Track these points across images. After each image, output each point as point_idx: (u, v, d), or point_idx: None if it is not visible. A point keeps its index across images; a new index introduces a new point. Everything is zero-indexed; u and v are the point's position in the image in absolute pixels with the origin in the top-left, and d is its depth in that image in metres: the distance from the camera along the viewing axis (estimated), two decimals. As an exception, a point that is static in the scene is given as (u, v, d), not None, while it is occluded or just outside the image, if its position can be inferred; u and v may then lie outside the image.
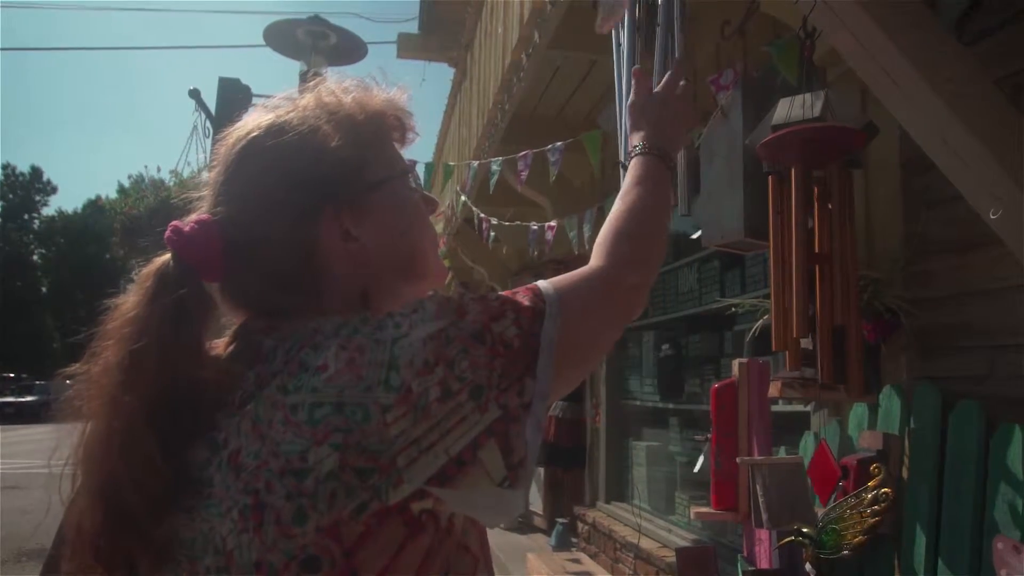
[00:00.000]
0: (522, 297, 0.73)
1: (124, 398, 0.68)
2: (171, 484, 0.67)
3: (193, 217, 0.77)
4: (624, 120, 1.52)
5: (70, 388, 0.74)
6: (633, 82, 1.13)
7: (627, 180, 0.97)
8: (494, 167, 4.22)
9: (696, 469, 2.52)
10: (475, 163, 4.81)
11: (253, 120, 0.80)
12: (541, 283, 0.76)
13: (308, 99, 0.81)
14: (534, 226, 4.48)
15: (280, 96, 0.83)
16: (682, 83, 1.13)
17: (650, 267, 0.88)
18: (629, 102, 1.11)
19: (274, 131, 0.78)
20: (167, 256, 0.75)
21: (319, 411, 0.64)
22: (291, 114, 0.79)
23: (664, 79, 1.14)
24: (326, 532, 0.62)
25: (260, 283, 0.76)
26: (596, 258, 0.85)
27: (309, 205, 0.76)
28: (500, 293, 0.73)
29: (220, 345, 0.77)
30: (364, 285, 0.79)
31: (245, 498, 0.64)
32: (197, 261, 0.74)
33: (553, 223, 4.26)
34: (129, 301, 0.74)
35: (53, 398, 0.76)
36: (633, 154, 1.01)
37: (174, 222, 0.76)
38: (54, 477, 0.71)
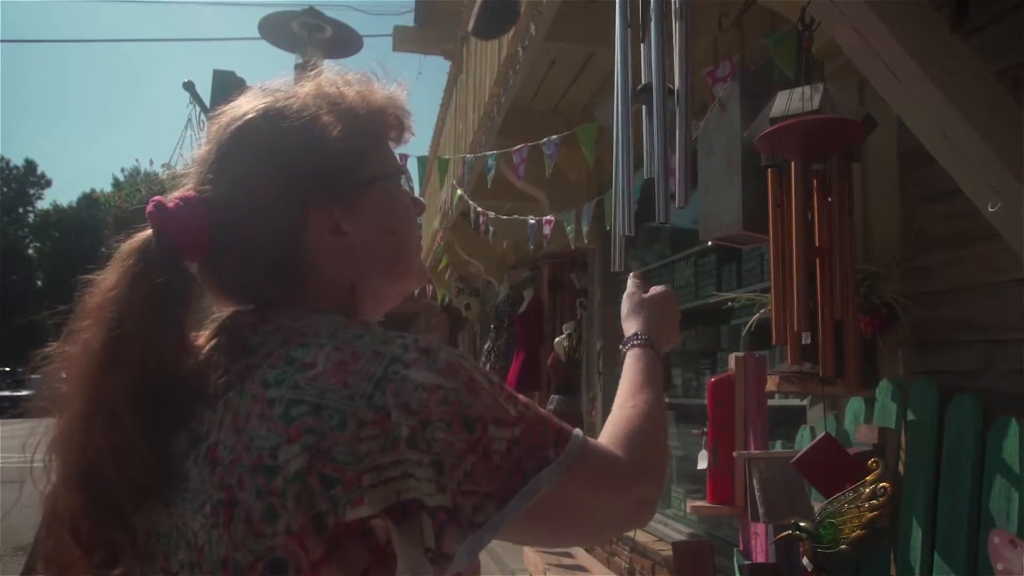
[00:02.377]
0: (545, 431, 0.68)
1: (107, 380, 0.66)
2: (153, 470, 0.65)
3: (177, 193, 0.74)
4: (623, 196, 1.50)
5: (46, 368, 0.70)
6: (631, 278, 1.10)
7: (634, 372, 0.93)
8: (490, 161, 4.21)
9: (703, 466, 2.51)
10: (471, 157, 4.79)
11: (248, 102, 0.77)
12: (577, 433, 0.71)
13: (308, 87, 0.78)
14: (532, 220, 4.47)
15: (278, 82, 0.80)
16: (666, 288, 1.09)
17: (661, 482, 0.83)
18: (627, 292, 1.08)
19: (272, 115, 0.75)
20: (148, 232, 0.72)
21: (296, 408, 0.62)
22: (290, 100, 0.76)
23: (659, 290, 1.09)
24: (295, 536, 0.60)
25: (243, 268, 0.74)
26: (615, 446, 0.78)
27: (302, 195, 0.74)
28: (530, 406, 0.69)
29: (203, 338, 0.75)
30: (349, 281, 0.77)
31: (219, 493, 0.62)
32: (180, 239, 0.71)
33: (551, 217, 4.26)
34: (109, 279, 0.70)
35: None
36: (635, 343, 0.98)
37: (156, 197, 0.72)
38: (37, 469, 0.70)
